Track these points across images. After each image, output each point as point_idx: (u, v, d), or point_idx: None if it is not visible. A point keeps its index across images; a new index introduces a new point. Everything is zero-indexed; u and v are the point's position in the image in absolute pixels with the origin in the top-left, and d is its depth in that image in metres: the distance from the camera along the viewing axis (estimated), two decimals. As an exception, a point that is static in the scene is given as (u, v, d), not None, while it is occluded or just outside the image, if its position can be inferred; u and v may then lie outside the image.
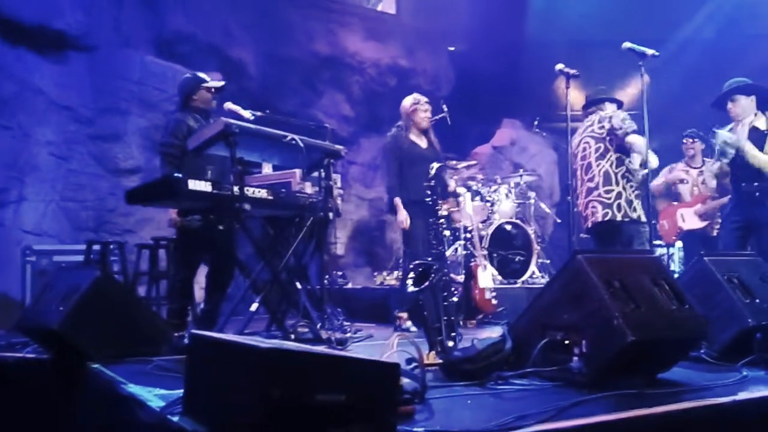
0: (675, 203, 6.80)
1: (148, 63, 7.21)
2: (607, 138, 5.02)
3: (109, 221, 6.74)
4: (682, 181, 6.74)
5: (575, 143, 5.29)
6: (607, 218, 4.96)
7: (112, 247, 5.61)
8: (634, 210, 4.96)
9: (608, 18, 9.85)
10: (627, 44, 4.82)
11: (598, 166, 5.05)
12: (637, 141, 4.88)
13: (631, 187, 4.99)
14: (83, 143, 6.80)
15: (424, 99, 5.61)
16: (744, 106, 4.98)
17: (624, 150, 5.02)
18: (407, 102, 5.60)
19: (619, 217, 4.94)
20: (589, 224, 5.14)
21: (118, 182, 6.78)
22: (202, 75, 4.70)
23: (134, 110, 7.00)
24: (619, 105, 5.30)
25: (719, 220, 6.24)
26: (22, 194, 6.37)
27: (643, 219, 4.95)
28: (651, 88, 5.70)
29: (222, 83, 4.74)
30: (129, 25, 7.37)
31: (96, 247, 5.50)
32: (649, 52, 4.82)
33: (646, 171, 4.99)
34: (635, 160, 5.08)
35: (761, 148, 4.87)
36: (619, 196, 4.96)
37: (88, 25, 6.92)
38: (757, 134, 4.94)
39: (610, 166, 5.00)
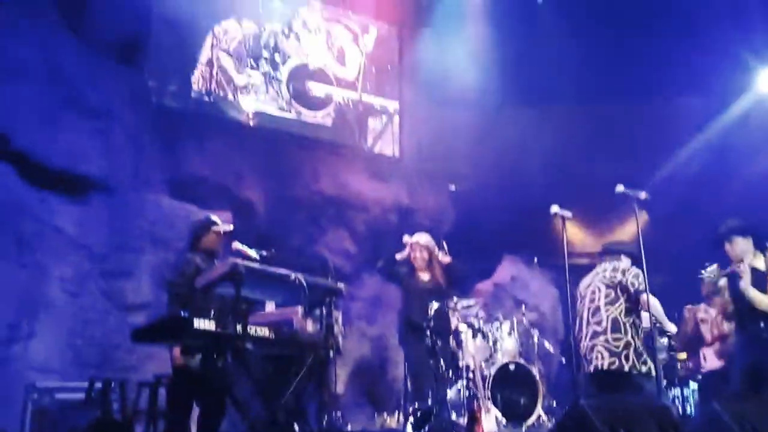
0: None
1: (162, 203, 7.54)
2: (619, 287, 5.07)
3: (113, 357, 6.78)
4: (703, 321, 6.77)
5: (584, 285, 5.34)
6: (613, 367, 4.89)
7: (113, 385, 5.61)
8: (644, 363, 4.89)
9: (603, 158, 10.28)
10: (620, 188, 5.04)
11: (607, 311, 5.06)
12: (653, 302, 4.93)
13: (640, 339, 4.96)
14: (95, 280, 6.97)
15: (415, 241, 5.83)
16: (741, 246, 5.04)
17: (635, 306, 5.05)
18: (405, 241, 5.88)
19: (626, 368, 4.87)
20: (592, 369, 5.06)
21: (125, 318, 6.89)
22: (213, 218, 4.95)
23: (147, 248, 7.24)
24: (635, 260, 5.29)
25: None
26: (32, 330, 6.46)
27: (653, 373, 4.84)
28: (654, 229, 5.89)
29: (230, 227, 5.00)
30: (147, 168, 7.77)
31: (98, 384, 5.50)
32: (642, 194, 5.05)
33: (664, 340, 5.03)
34: (645, 321, 5.13)
35: (763, 288, 4.88)
36: (627, 345, 4.92)
37: (110, 169, 7.31)
38: (758, 275, 4.96)
39: (620, 313, 5.02)
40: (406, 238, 6.06)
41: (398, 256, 6.18)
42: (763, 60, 10.30)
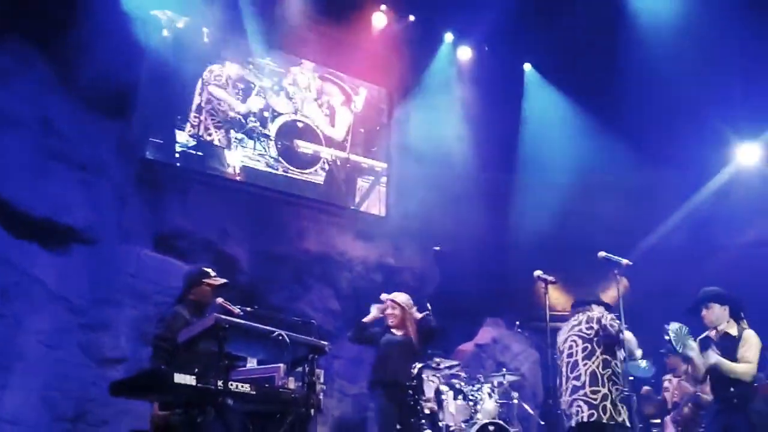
0: None
1: (144, 256, 7.52)
2: (595, 339, 5.18)
3: (88, 411, 6.66)
4: (666, 389, 6.91)
5: (561, 340, 5.43)
6: (592, 419, 4.99)
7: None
8: (619, 413, 5.02)
9: (586, 226, 10.45)
10: (602, 254, 5.21)
11: (585, 365, 5.15)
12: (630, 338, 5.14)
13: (617, 390, 5.08)
14: (73, 332, 6.89)
15: (391, 298, 5.94)
16: (717, 314, 5.22)
17: (612, 351, 5.17)
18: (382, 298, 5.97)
19: (605, 419, 4.98)
20: (573, 423, 5.13)
21: (102, 372, 6.79)
22: (207, 270, 4.94)
23: (127, 301, 7.18)
24: (607, 307, 5.49)
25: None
26: (6, 382, 6.34)
27: (628, 423, 5.00)
28: (633, 296, 6.02)
29: (224, 281, 4.98)
30: (131, 221, 7.77)
31: (72, 439, 5.40)
32: (624, 261, 5.19)
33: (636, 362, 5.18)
34: (636, 354, 5.26)
35: (734, 353, 5.06)
36: (605, 398, 5.03)
37: (93, 220, 7.29)
38: (729, 340, 5.16)
39: (597, 366, 5.12)
40: (383, 296, 6.16)
41: (366, 320, 6.24)
42: (742, 134, 10.66)
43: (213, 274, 5.00)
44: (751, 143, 10.79)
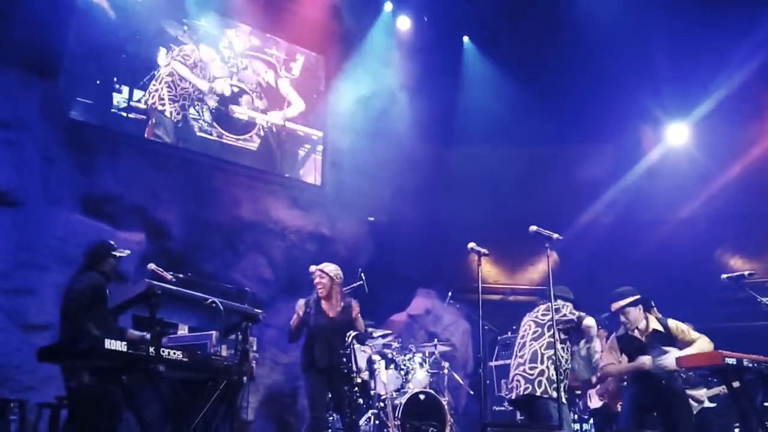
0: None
1: (72, 220, 7.28)
2: (547, 324, 5.46)
3: (12, 378, 6.45)
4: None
5: (521, 324, 5.76)
6: (527, 392, 5.29)
7: (12, 405, 5.36)
8: (555, 390, 5.21)
9: (521, 199, 10.69)
10: (534, 228, 5.32)
11: (530, 346, 5.47)
12: (593, 324, 5.42)
13: (556, 369, 5.26)
14: (-4, 298, 6.65)
15: (316, 269, 5.92)
16: (634, 316, 5.56)
17: (565, 336, 5.44)
18: (311, 270, 5.93)
19: (538, 393, 5.25)
20: (513, 396, 5.46)
21: (26, 338, 6.58)
22: (112, 242, 4.98)
23: (53, 266, 6.95)
24: (573, 302, 5.72)
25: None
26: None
27: (563, 400, 5.19)
28: (563, 270, 6.21)
29: (128, 252, 5.04)
30: (58, 183, 7.49)
31: (-5, 405, 5.25)
32: (555, 235, 5.35)
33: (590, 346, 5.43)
34: (596, 345, 5.65)
35: (672, 344, 5.42)
36: (542, 373, 5.31)
37: (17, 183, 7.00)
38: (660, 335, 5.49)
39: (540, 347, 5.41)
40: (312, 268, 6.13)
41: (293, 323, 6.05)
42: (672, 115, 11.05)
43: (116, 246, 5.14)
44: (680, 123, 11.20)
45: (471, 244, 5.45)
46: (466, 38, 11.67)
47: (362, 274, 6.58)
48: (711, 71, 10.14)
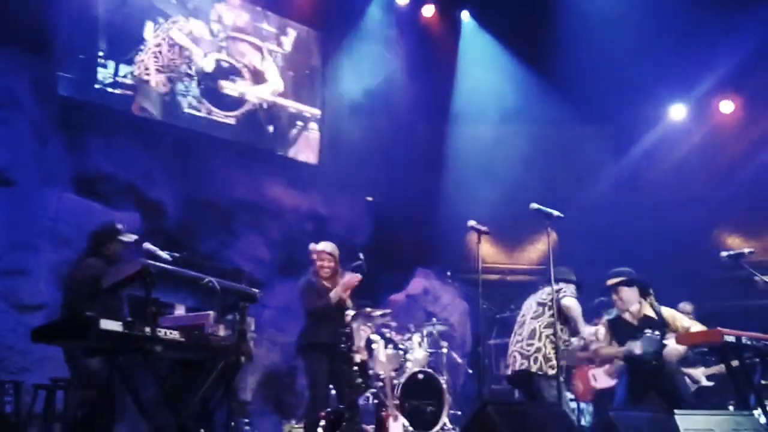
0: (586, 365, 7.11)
1: (65, 200, 7.19)
2: (548, 305, 5.43)
3: (6, 358, 6.39)
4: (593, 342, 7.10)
5: (524, 305, 5.76)
6: (522, 367, 5.34)
7: (6, 386, 5.30)
8: (551, 367, 5.25)
9: (519, 179, 10.61)
10: (534, 205, 5.25)
11: (530, 324, 5.50)
12: (572, 305, 5.34)
13: (554, 348, 5.24)
14: (-11, 278, 6.58)
15: (321, 249, 5.83)
16: (628, 296, 5.43)
17: (563, 319, 5.40)
18: (310, 249, 5.86)
19: (533, 369, 5.28)
20: (509, 372, 5.53)
21: (20, 318, 6.52)
22: (119, 225, 4.81)
23: (46, 246, 6.88)
24: (576, 284, 5.68)
25: None
26: None
27: (560, 378, 5.16)
28: (562, 250, 6.15)
29: (135, 237, 4.86)
30: (51, 162, 7.40)
31: (-10, 386, 5.19)
32: (555, 213, 5.26)
33: (576, 339, 5.38)
34: (582, 329, 5.50)
35: (662, 332, 5.29)
36: (538, 350, 5.33)
37: (9, 161, 6.91)
38: (653, 322, 5.39)
39: (539, 325, 5.42)
40: (312, 246, 6.05)
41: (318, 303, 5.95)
42: (673, 95, 10.97)
43: (123, 229, 4.88)
44: (679, 104, 11.14)
45: (471, 222, 5.39)
46: (465, 14, 11.47)
47: (361, 255, 6.51)
48: (713, 51, 10.02)
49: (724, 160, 11.03)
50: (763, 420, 4.73)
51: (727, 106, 11.18)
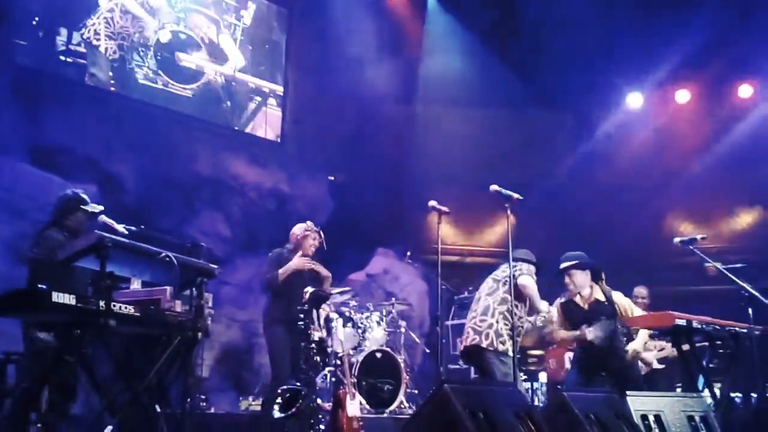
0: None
1: (20, 170, 7.02)
2: (503, 281, 5.45)
3: (-43, 332, 6.25)
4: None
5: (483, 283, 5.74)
6: (473, 342, 5.34)
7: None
8: (502, 343, 5.29)
9: (482, 161, 10.69)
10: (494, 187, 5.26)
11: (485, 300, 5.48)
12: (528, 283, 5.34)
13: (506, 324, 5.32)
14: (-62, 248, 6.41)
15: (315, 229, 5.84)
16: (580, 280, 5.55)
17: (519, 297, 5.40)
18: (299, 229, 5.84)
19: (484, 344, 5.28)
20: (462, 347, 5.55)
21: (-28, 291, 6.36)
22: (83, 195, 4.70)
23: (1, 218, 6.72)
24: (534, 264, 5.66)
25: None
26: None
27: (510, 353, 5.25)
28: (520, 234, 6.22)
29: (100, 208, 4.75)
30: (5, 130, 7.20)
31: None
32: (515, 195, 5.29)
33: (534, 318, 5.44)
34: (540, 306, 5.50)
35: (611, 316, 5.42)
36: (490, 326, 5.32)
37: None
38: (603, 306, 5.51)
39: (493, 302, 5.41)
40: (308, 223, 6.04)
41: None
42: (631, 84, 11.14)
43: (88, 200, 4.77)
44: (636, 93, 11.33)
45: (432, 203, 5.42)
46: (430, -4, 11.46)
47: (321, 232, 6.51)
48: (670, 41, 10.19)
49: (680, 149, 11.26)
50: (710, 401, 4.89)
51: (682, 96, 11.41)
